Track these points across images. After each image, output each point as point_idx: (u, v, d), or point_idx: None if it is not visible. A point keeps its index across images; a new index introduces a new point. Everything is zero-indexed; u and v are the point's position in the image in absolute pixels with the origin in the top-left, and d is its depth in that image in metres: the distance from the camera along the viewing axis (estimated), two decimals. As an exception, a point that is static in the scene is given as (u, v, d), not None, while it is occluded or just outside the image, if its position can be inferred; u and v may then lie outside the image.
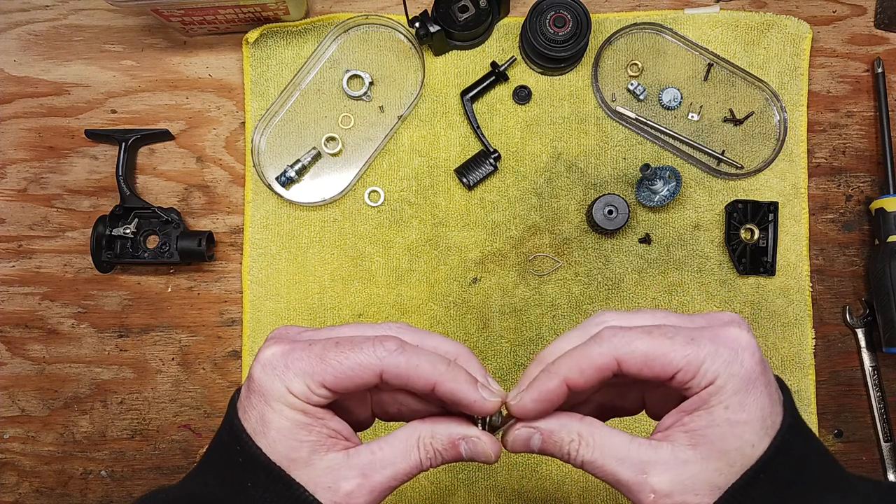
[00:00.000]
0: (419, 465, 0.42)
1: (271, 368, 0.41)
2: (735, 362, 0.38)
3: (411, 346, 0.41)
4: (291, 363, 0.40)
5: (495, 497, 0.73)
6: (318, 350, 0.40)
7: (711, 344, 0.38)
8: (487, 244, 0.76)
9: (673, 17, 0.76)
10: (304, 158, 0.75)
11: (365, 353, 0.40)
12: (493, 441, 0.42)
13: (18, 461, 0.76)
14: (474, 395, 0.41)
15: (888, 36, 0.78)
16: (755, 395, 0.38)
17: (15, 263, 0.77)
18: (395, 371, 0.40)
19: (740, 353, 0.38)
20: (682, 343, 0.38)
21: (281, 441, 0.40)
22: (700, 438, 0.38)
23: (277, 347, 0.41)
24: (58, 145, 0.78)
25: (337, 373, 0.40)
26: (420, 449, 0.42)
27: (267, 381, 0.40)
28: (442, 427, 0.42)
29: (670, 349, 0.38)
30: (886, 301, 0.72)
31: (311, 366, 0.40)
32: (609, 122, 0.76)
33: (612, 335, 0.39)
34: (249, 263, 0.76)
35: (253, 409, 0.41)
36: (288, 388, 0.40)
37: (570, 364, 0.40)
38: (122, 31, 0.78)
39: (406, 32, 0.76)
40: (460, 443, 0.42)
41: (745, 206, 0.74)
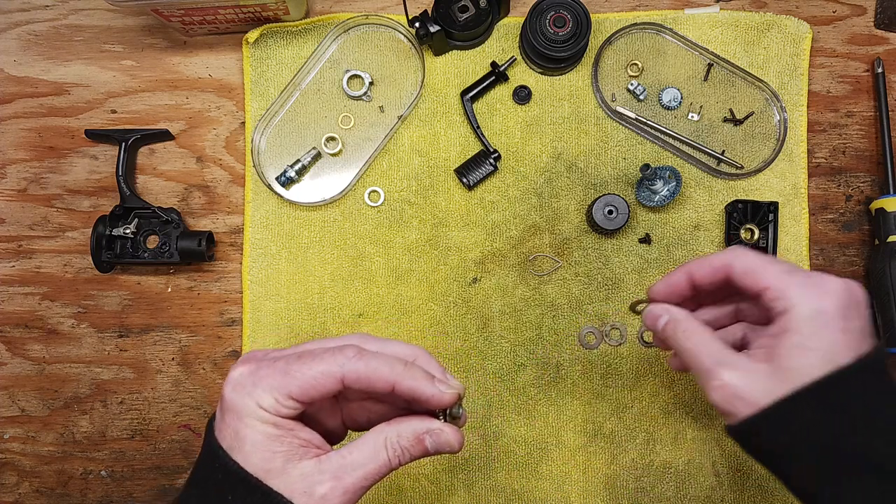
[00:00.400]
0: (388, 464, 0.45)
1: (241, 387, 0.44)
2: (818, 299, 0.45)
3: (370, 352, 0.45)
4: (259, 380, 0.43)
5: (495, 497, 0.73)
6: (282, 365, 0.44)
7: (805, 279, 0.46)
8: (487, 244, 0.76)
9: (673, 17, 0.77)
10: (304, 158, 0.75)
11: (326, 362, 0.43)
12: (455, 431, 0.46)
13: (18, 461, 0.76)
14: (431, 390, 0.45)
15: (888, 36, 0.78)
16: (828, 332, 0.44)
17: (15, 263, 0.77)
18: (355, 376, 0.43)
19: (826, 295, 0.45)
20: (781, 271, 0.47)
21: (256, 453, 0.43)
22: (773, 355, 0.46)
23: (245, 367, 0.45)
24: (58, 145, 0.78)
25: (301, 383, 0.43)
26: (388, 448, 0.45)
27: (238, 399, 0.43)
28: (406, 425, 0.45)
29: (770, 270, 0.47)
30: (886, 301, 0.72)
31: (277, 380, 0.43)
32: (609, 122, 0.76)
33: (734, 249, 0.50)
34: (249, 263, 0.76)
35: (227, 427, 0.44)
36: (258, 404, 0.43)
37: (694, 262, 0.51)
38: (122, 31, 0.78)
39: (406, 32, 0.76)
40: (425, 437, 0.45)
41: (745, 206, 0.74)
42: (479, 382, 0.75)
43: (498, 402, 0.74)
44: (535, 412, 0.74)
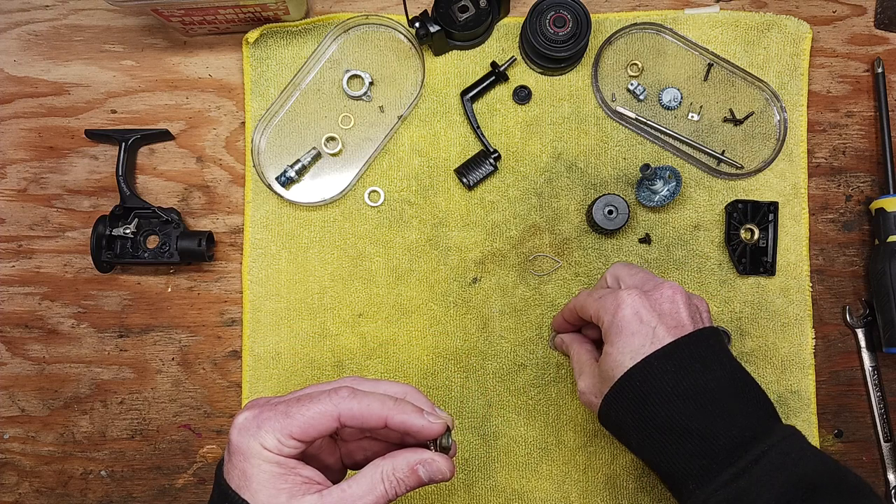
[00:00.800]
0: (385, 496, 0.48)
1: (246, 430, 0.48)
2: (612, 314, 0.57)
3: (362, 392, 0.49)
4: (262, 423, 0.48)
5: (495, 497, 0.73)
6: (283, 408, 0.48)
7: (606, 300, 0.58)
8: (487, 244, 0.76)
9: (673, 17, 0.76)
10: (304, 158, 0.75)
11: (323, 403, 0.48)
12: (447, 460, 0.50)
13: (18, 461, 0.76)
14: (421, 421, 0.49)
15: (888, 36, 0.78)
16: (624, 336, 0.56)
17: (15, 263, 0.77)
18: (349, 413, 0.48)
19: (617, 308, 0.57)
20: (594, 300, 0.60)
21: (262, 491, 0.47)
22: (601, 363, 0.59)
23: (249, 412, 0.49)
24: (58, 145, 0.78)
25: (301, 423, 0.47)
26: (384, 481, 0.48)
27: (243, 441, 0.47)
28: (400, 458, 0.49)
29: (588, 301, 0.61)
30: (886, 301, 0.72)
31: (279, 422, 0.47)
32: (609, 122, 0.76)
33: (578, 296, 0.64)
34: (249, 263, 0.76)
35: (234, 468, 0.48)
36: (262, 444, 0.47)
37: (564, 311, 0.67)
38: (122, 31, 0.78)
39: (406, 32, 0.76)
40: (418, 467, 0.49)
41: (745, 206, 0.74)
42: (479, 382, 0.75)
43: (498, 402, 0.74)
44: (535, 412, 0.74)
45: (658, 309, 0.57)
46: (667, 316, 0.57)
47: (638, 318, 0.56)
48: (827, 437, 0.75)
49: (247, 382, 0.75)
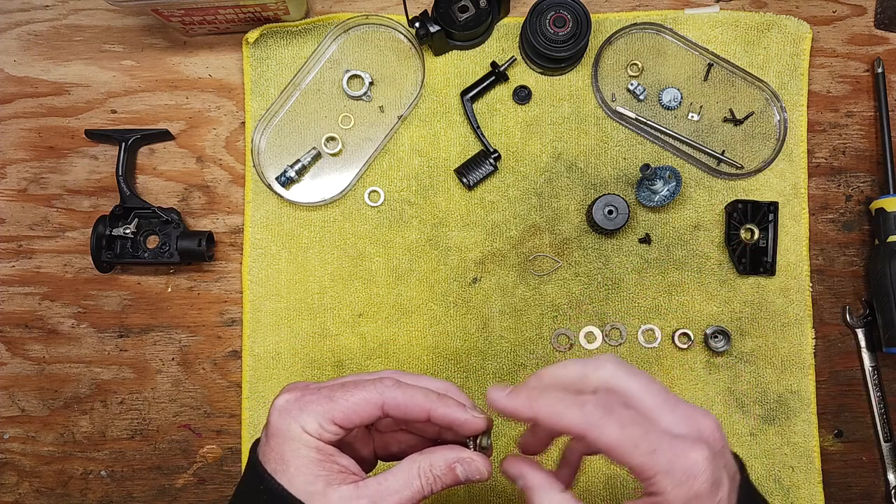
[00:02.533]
0: (421, 492, 0.47)
1: (287, 413, 0.47)
2: (684, 485, 0.42)
3: (406, 383, 0.48)
4: (305, 406, 0.46)
5: (495, 497, 0.73)
6: (327, 392, 0.47)
7: (668, 463, 0.42)
8: (487, 244, 0.76)
9: (673, 17, 0.76)
10: (304, 158, 0.75)
11: (367, 390, 0.47)
12: (485, 460, 0.48)
13: (18, 461, 0.76)
14: (465, 415, 0.48)
15: (888, 36, 0.78)
16: None
17: (15, 263, 0.77)
18: (394, 403, 0.47)
19: (691, 478, 0.42)
20: (644, 451, 0.42)
21: (299, 476, 0.45)
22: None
23: (291, 395, 0.48)
24: (58, 145, 0.78)
25: (345, 409, 0.46)
26: (421, 477, 0.47)
27: (284, 424, 0.46)
28: (438, 455, 0.48)
29: (630, 452, 0.42)
30: (886, 301, 0.72)
31: (323, 406, 0.46)
32: (609, 122, 0.76)
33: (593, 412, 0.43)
34: (249, 263, 0.76)
35: (272, 451, 0.46)
36: (303, 428, 0.46)
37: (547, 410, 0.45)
38: (122, 31, 0.78)
39: (406, 32, 0.76)
40: (456, 465, 0.47)
41: (745, 206, 0.74)
42: (479, 382, 0.75)
43: (498, 402, 0.74)
44: (535, 412, 0.74)
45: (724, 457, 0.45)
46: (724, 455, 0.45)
47: (714, 487, 0.43)
48: (827, 437, 0.75)
49: (247, 382, 0.75)
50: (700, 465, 0.42)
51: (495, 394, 0.47)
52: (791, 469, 0.73)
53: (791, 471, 0.73)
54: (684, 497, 0.42)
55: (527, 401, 0.46)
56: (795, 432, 0.74)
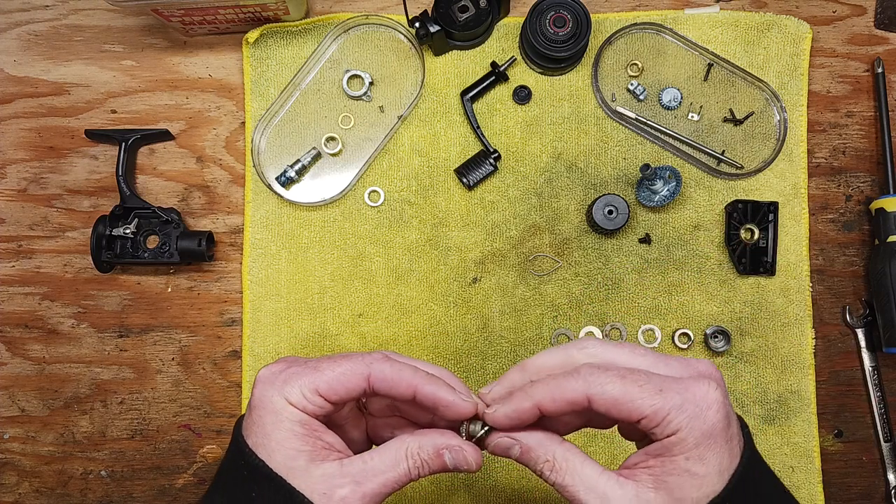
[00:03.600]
0: (407, 474, 0.45)
1: (270, 383, 0.45)
2: (699, 417, 0.40)
3: (395, 359, 0.46)
4: (289, 377, 0.45)
5: (495, 497, 0.73)
6: (314, 363, 0.46)
7: (678, 396, 0.40)
8: (487, 244, 0.76)
9: (673, 17, 0.76)
10: (304, 158, 0.75)
11: (354, 361, 0.45)
12: (475, 451, 0.46)
13: (18, 461, 0.76)
14: (452, 396, 0.45)
15: (888, 36, 0.78)
16: (715, 450, 0.40)
17: (15, 263, 0.77)
18: (380, 376, 0.45)
19: (705, 409, 0.40)
20: (651, 392, 0.40)
21: (280, 451, 0.43)
22: (661, 483, 0.41)
23: (276, 366, 0.46)
24: (58, 145, 0.78)
25: (329, 379, 0.44)
26: (408, 459, 0.45)
27: (267, 395, 0.44)
28: (428, 438, 0.46)
29: (638, 396, 0.40)
30: (886, 301, 0.72)
31: (307, 376, 0.44)
32: (609, 122, 0.76)
33: (589, 374, 0.42)
34: (249, 263, 0.76)
35: (254, 424, 0.45)
36: (287, 399, 0.44)
37: (544, 391, 0.43)
38: (122, 31, 0.78)
39: (406, 32, 0.76)
40: (444, 452, 0.45)
41: (745, 206, 0.74)
42: (479, 382, 0.75)
43: (498, 402, 0.74)
44: (535, 412, 0.74)
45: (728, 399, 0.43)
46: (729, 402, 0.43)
47: (727, 421, 0.41)
48: (827, 437, 0.75)
49: (247, 382, 0.75)
50: (711, 395, 0.41)
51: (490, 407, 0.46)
52: (791, 469, 0.73)
53: (791, 471, 0.73)
54: (700, 431, 0.40)
55: (523, 395, 0.44)
56: (795, 432, 0.74)
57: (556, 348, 0.46)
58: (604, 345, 0.45)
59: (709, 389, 0.41)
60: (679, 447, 0.40)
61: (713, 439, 0.40)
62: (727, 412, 0.41)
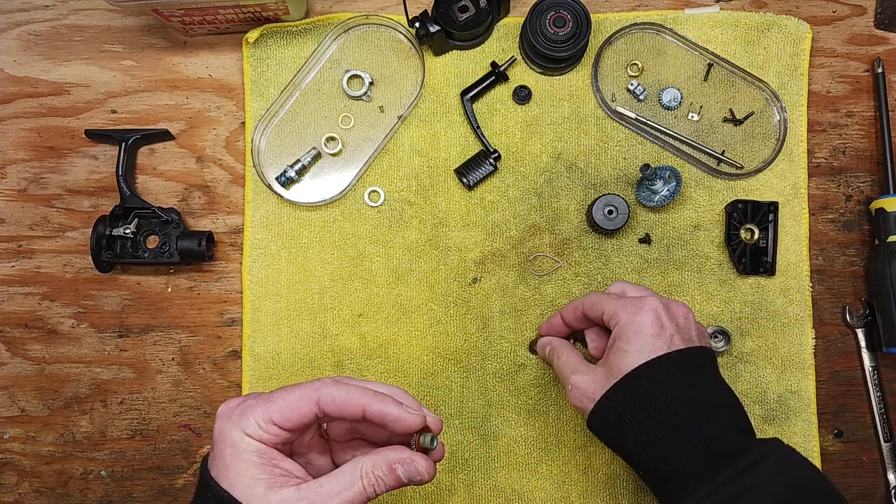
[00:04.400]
0: (363, 494, 0.48)
1: (227, 417, 0.49)
2: (633, 314, 0.58)
3: (344, 381, 0.50)
4: (245, 410, 0.48)
5: (495, 497, 0.73)
6: (266, 395, 0.49)
7: (628, 302, 0.60)
8: (487, 244, 0.76)
9: (673, 17, 0.76)
10: (304, 158, 0.75)
11: (304, 388, 0.49)
12: (426, 462, 0.50)
13: (18, 461, 0.76)
14: (398, 411, 0.49)
15: (888, 36, 0.78)
16: (641, 338, 0.57)
17: (15, 263, 0.77)
18: (329, 398, 0.48)
19: (641, 310, 0.58)
20: (614, 299, 0.61)
21: (239, 480, 0.47)
22: (607, 359, 0.59)
23: (234, 401, 0.50)
24: (58, 145, 0.78)
25: (282, 407, 0.48)
26: (363, 478, 0.48)
27: (225, 428, 0.48)
28: (380, 455, 0.49)
29: (605, 300, 0.62)
30: (886, 301, 0.72)
31: (260, 407, 0.48)
32: (609, 122, 0.76)
33: (588, 296, 0.65)
34: (249, 263, 0.76)
35: (216, 457, 0.48)
36: (244, 431, 0.47)
37: (565, 310, 0.67)
38: (122, 31, 0.78)
39: (406, 32, 0.76)
40: (397, 466, 0.49)
41: (745, 206, 0.74)
42: (479, 382, 0.75)
43: (498, 402, 0.74)
44: (535, 412, 0.74)
45: (675, 320, 0.59)
46: (682, 329, 0.59)
47: (658, 323, 0.58)
48: (827, 437, 0.75)
49: (247, 382, 0.75)
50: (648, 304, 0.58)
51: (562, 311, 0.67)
52: (791, 469, 0.73)
53: (791, 471, 0.73)
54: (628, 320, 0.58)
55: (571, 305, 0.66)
56: (795, 432, 0.74)
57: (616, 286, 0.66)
58: (622, 282, 0.66)
59: (650, 301, 0.59)
60: (619, 333, 0.59)
61: (641, 330, 0.57)
62: (657, 316, 0.58)
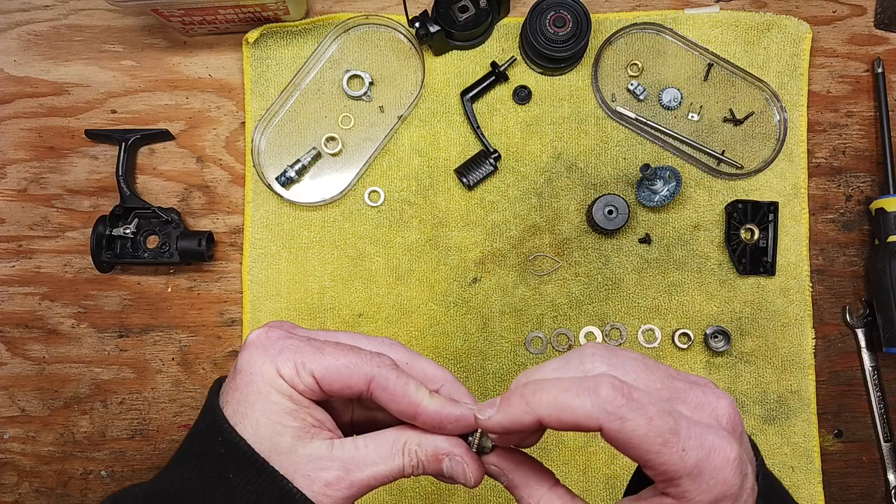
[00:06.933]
0: (401, 471, 0.41)
1: (263, 349, 0.40)
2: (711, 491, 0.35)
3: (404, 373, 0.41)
4: (286, 347, 0.40)
5: (495, 497, 0.73)
6: (318, 342, 0.40)
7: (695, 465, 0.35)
8: (487, 244, 0.76)
9: (673, 17, 0.76)
10: (304, 158, 0.75)
11: (361, 357, 0.40)
12: (478, 466, 0.41)
13: (18, 461, 0.76)
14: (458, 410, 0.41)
15: (888, 36, 0.78)
16: None
17: (15, 263, 0.77)
18: (384, 385, 0.40)
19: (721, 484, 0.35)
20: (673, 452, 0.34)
21: (265, 424, 0.39)
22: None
23: (273, 331, 0.41)
24: (58, 145, 0.78)
25: (330, 366, 0.39)
26: (404, 454, 0.41)
27: (257, 361, 0.39)
28: (430, 438, 0.41)
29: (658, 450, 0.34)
30: (886, 301, 0.72)
31: (307, 353, 0.39)
32: (609, 122, 0.76)
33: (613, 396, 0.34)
34: (249, 263, 0.76)
35: (237, 390, 0.40)
36: (278, 370, 0.39)
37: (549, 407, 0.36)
38: (122, 31, 0.78)
39: (406, 32, 0.76)
40: (444, 458, 0.41)
41: (745, 206, 0.74)
42: (479, 382, 0.75)
43: (498, 402, 0.74)
44: (535, 412, 0.74)
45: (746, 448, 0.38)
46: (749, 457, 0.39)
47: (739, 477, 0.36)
48: (827, 437, 0.75)
49: (247, 382, 0.75)
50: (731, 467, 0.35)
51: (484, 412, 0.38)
52: (791, 469, 0.73)
53: (791, 471, 0.73)
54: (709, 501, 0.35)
55: (521, 401, 0.36)
56: (795, 432, 0.74)
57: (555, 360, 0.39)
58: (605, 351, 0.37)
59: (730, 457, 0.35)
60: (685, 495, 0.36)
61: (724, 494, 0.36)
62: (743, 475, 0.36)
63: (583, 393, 0.34)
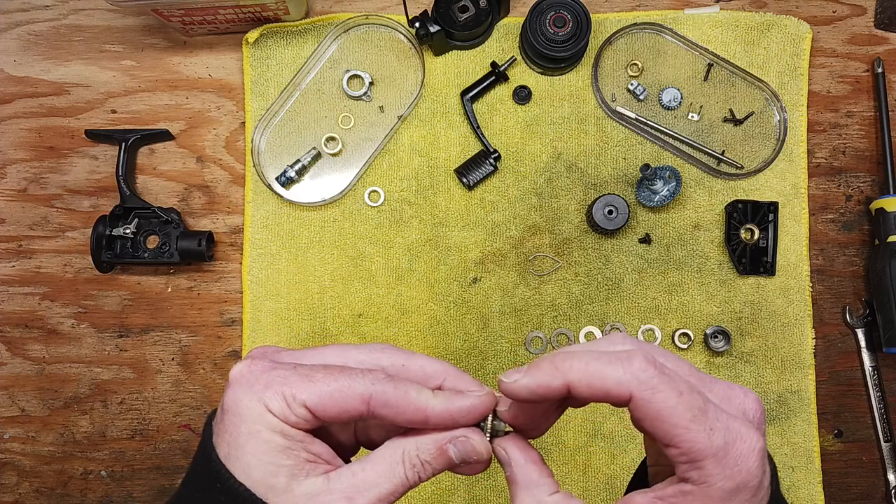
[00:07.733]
0: (405, 483, 0.39)
1: (248, 386, 0.38)
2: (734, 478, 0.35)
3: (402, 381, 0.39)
4: (272, 380, 0.38)
5: (495, 497, 0.73)
6: (306, 370, 0.38)
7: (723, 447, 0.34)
8: (487, 244, 0.76)
9: (673, 17, 0.76)
10: (304, 158, 0.75)
11: (353, 377, 0.38)
12: (483, 438, 0.40)
13: (18, 461, 0.76)
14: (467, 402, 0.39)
15: (888, 36, 0.78)
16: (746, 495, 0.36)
17: (15, 263, 0.77)
18: (383, 400, 0.38)
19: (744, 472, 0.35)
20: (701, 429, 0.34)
21: (256, 466, 0.37)
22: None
23: (255, 364, 0.39)
24: (58, 145, 0.78)
25: (322, 393, 0.37)
26: (405, 463, 0.39)
27: (243, 399, 0.38)
28: (426, 437, 0.40)
29: (687, 425, 0.34)
30: (886, 301, 0.72)
31: (295, 383, 0.37)
32: (609, 122, 0.76)
33: (645, 367, 0.34)
34: (249, 263, 0.76)
35: (226, 432, 0.38)
36: (266, 406, 0.37)
37: (581, 373, 0.35)
38: (122, 31, 0.78)
39: (406, 32, 0.76)
40: (448, 446, 0.39)
41: (745, 206, 0.74)
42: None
43: (498, 402, 0.74)
44: (535, 412, 0.74)
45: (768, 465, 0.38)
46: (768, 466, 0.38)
47: (762, 469, 0.36)
48: (827, 437, 0.75)
49: (247, 382, 0.75)
50: (755, 456, 0.35)
51: (511, 376, 0.37)
52: (791, 469, 0.73)
53: (791, 471, 0.73)
54: (730, 489, 0.35)
55: (551, 366, 0.36)
56: (795, 432, 0.74)
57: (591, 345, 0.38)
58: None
59: (755, 447, 0.35)
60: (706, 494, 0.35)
61: (745, 484, 0.35)
62: (764, 470, 0.36)
63: (615, 362, 0.35)
